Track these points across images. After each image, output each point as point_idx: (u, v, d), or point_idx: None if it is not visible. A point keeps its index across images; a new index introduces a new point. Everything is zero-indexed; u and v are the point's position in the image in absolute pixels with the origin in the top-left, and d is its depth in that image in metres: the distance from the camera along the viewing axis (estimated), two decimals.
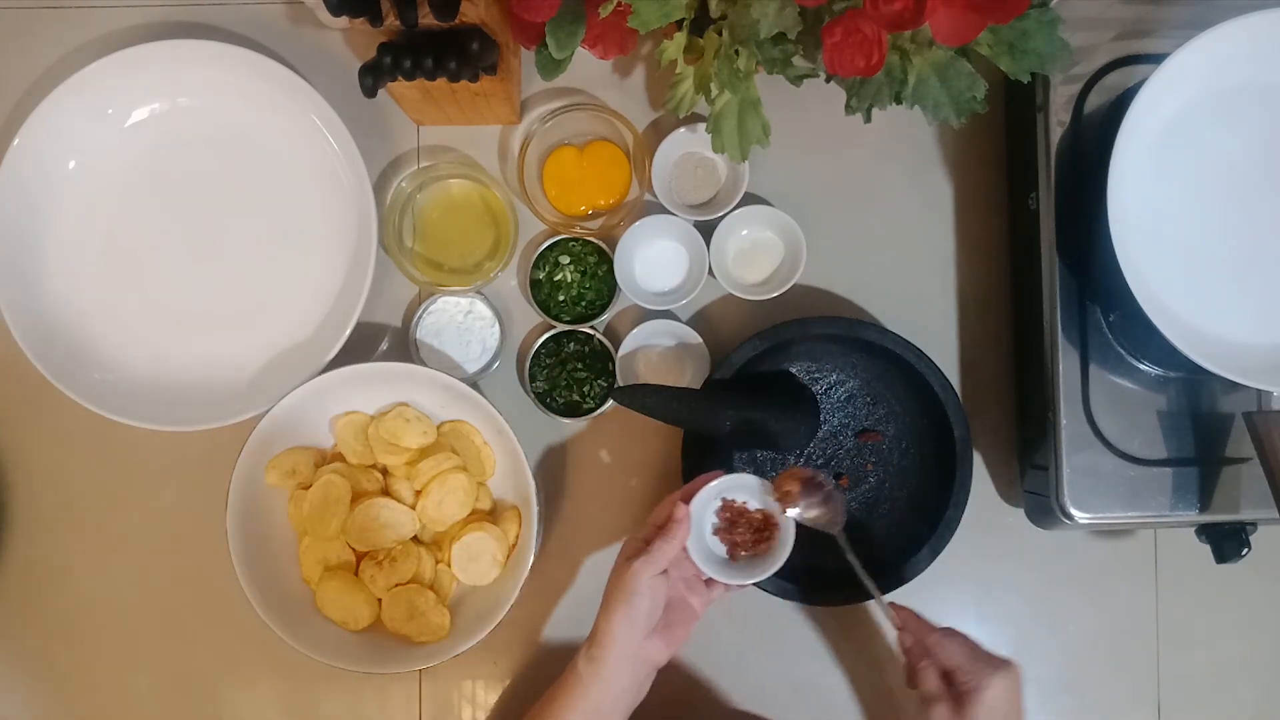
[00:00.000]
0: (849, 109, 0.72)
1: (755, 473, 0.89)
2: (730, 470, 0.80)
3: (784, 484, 0.78)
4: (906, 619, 0.79)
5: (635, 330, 0.88)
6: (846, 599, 0.83)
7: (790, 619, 0.91)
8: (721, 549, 0.79)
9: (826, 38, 0.63)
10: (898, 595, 0.83)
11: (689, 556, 0.76)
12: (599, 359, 0.89)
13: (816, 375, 0.90)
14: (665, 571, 0.74)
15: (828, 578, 0.85)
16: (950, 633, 0.77)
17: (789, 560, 0.86)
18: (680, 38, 0.73)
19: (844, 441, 0.90)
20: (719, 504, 0.79)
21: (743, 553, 0.79)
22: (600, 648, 0.73)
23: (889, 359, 0.86)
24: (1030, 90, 0.83)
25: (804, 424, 0.87)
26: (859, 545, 0.88)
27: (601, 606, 0.74)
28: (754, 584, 0.78)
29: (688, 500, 0.76)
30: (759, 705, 0.91)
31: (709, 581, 0.78)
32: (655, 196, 0.88)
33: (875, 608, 0.89)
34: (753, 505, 0.79)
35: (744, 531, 0.79)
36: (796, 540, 0.87)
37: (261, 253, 0.90)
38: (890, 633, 0.90)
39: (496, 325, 0.89)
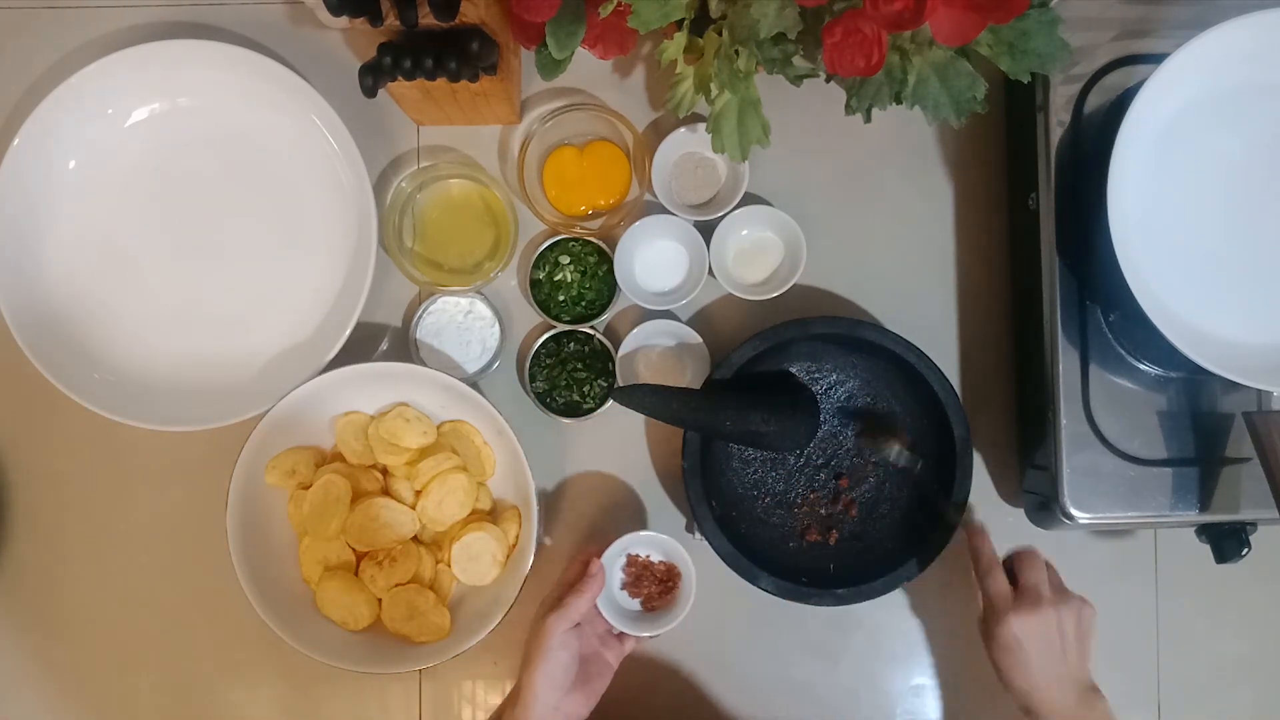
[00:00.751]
0: (849, 109, 0.72)
1: (757, 475, 0.89)
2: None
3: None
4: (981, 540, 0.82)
5: (635, 330, 0.88)
6: (847, 599, 0.83)
7: (790, 619, 0.91)
8: (633, 603, 0.85)
9: (826, 38, 0.63)
10: (899, 595, 0.83)
11: (600, 613, 0.82)
12: (599, 359, 0.89)
13: (816, 375, 0.90)
14: (579, 625, 0.78)
15: (828, 578, 0.85)
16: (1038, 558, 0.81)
17: (791, 561, 0.86)
18: (680, 38, 0.73)
19: (844, 441, 0.90)
20: (624, 560, 0.84)
21: (654, 605, 0.84)
22: (523, 706, 0.75)
23: (889, 359, 0.86)
24: (1030, 90, 0.83)
25: (804, 424, 0.87)
26: (861, 544, 0.88)
27: (522, 664, 0.77)
28: (665, 630, 0.83)
29: (594, 558, 0.81)
30: (760, 705, 0.91)
31: (620, 635, 0.84)
32: (655, 196, 0.88)
33: (882, 611, 0.90)
34: (655, 558, 0.85)
35: (650, 584, 0.85)
36: (798, 540, 0.88)
37: (261, 253, 0.90)
38: (895, 637, 0.91)
39: (496, 325, 0.89)
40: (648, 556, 0.86)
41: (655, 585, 0.85)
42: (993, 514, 0.92)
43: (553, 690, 0.75)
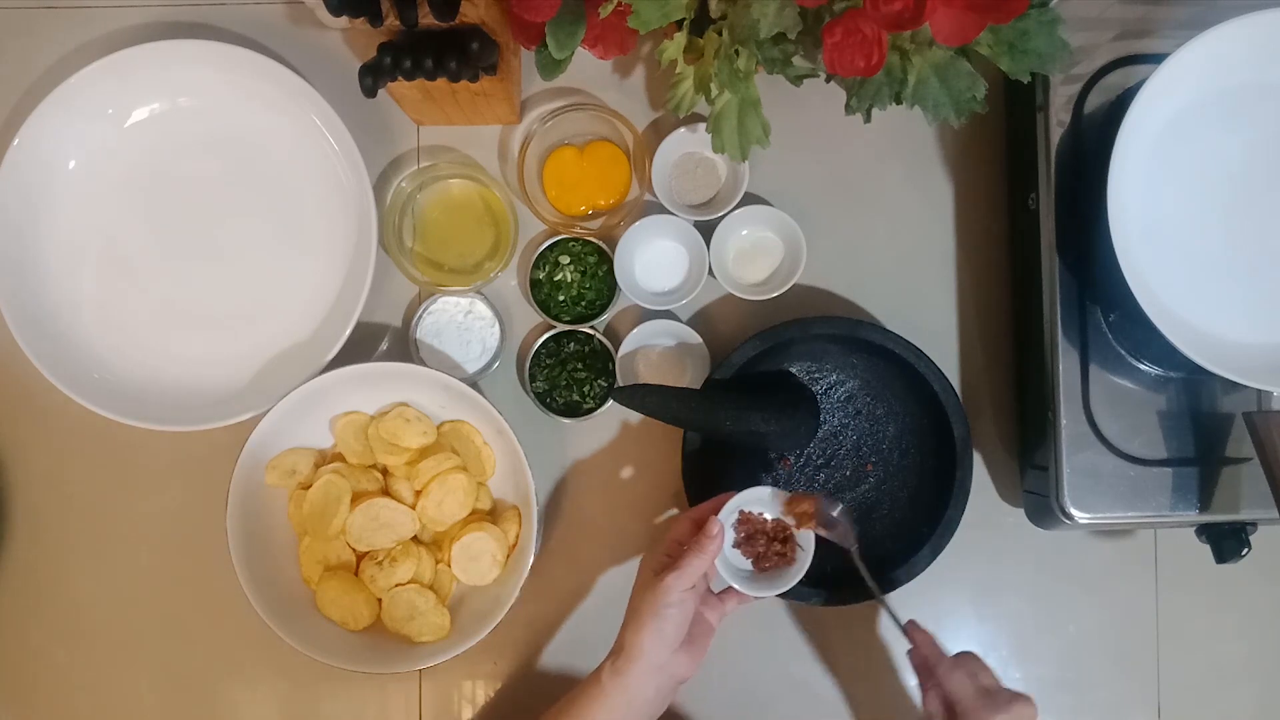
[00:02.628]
0: (849, 109, 0.72)
1: (759, 474, 0.89)
2: (748, 484, 0.79)
3: (797, 505, 0.78)
4: (921, 640, 0.78)
5: (635, 330, 0.88)
6: (849, 599, 0.83)
7: (790, 619, 0.91)
8: (745, 562, 0.79)
9: (826, 38, 0.63)
10: (898, 595, 0.83)
11: (714, 571, 0.76)
12: (599, 359, 0.89)
13: (816, 375, 0.90)
14: (693, 586, 0.73)
15: (830, 578, 0.85)
16: (961, 661, 0.75)
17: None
18: (680, 38, 0.73)
19: (844, 441, 0.90)
20: (736, 517, 0.79)
21: (766, 564, 0.79)
22: (629, 660, 0.72)
23: (889, 359, 0.86)
24: (1030, 90, 0.83)
25: (804, 424, 0.87)
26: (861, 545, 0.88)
27: (628, 620, 0.74)
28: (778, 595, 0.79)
29: (710, 515, 0.76)
30: (760, 705, 0.91)
31: (721, 595, 0.79)
32: (655, 196, 0.88)
33: (880, 613, 0.90)
34: (769, 516, 0.79)
35: (764, 543, 0.79)
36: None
37: (261, 253, 0.90)
38: (894, 639, 0.91)
39: (496, 325, 0.89)
40: (761, 514, 0.79)
41: (768, 544, 0.79)
42: (993, 514, 0.92)
43: (662, 649, 0.72)
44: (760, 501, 0.78)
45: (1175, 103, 0.75)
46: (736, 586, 0.77)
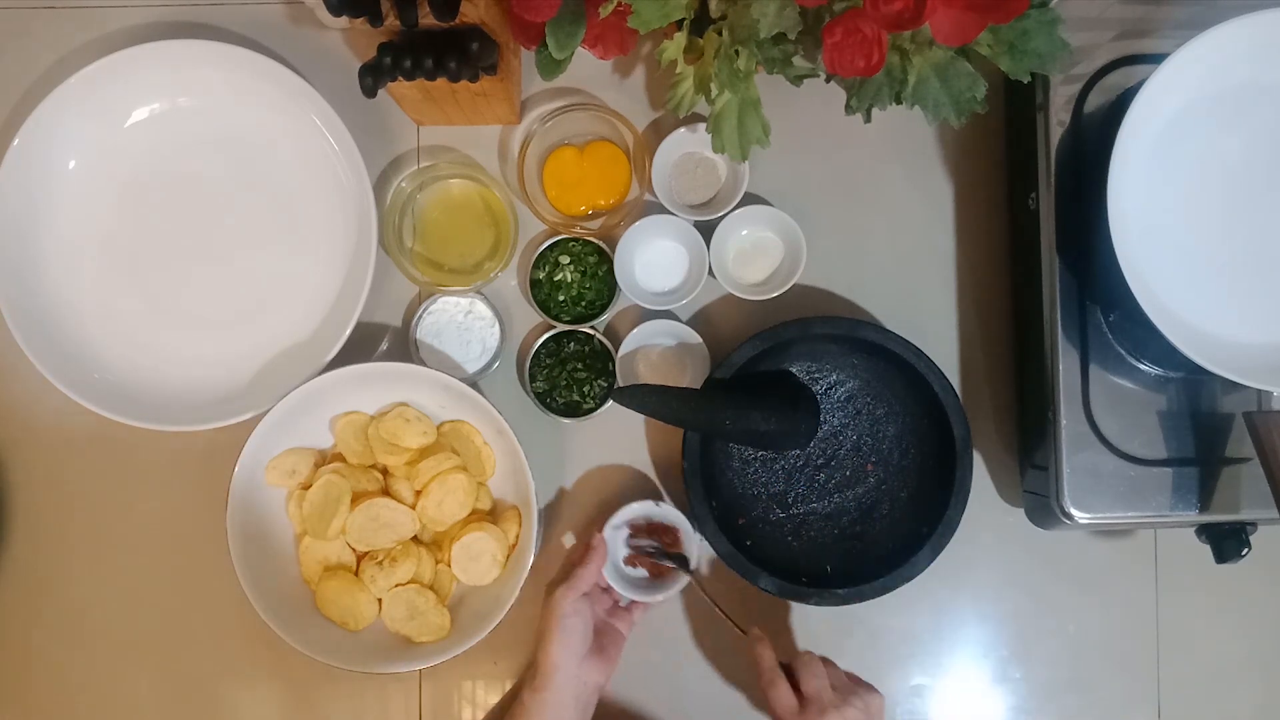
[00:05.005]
0: (849, 109, 0.72)
1: (757, 475, 0.89)
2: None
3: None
4: (764, 651, 0.79)
5: (635, 330, 0.88)
6: (847, 599, 0.83)
7: (790, 619, 0.91)
8: (639, 572, 0.87)
9: (826, 38, 0.63)
10: (899, 595, 0.83)
11: (608, 588, 0.85)
12: (599, 359, 0.89)
13: (816, 375, 0.90)
14: (587, 596, 0.81)
15: (828, 578, 0.85)
16: (811, 660, 0.78)
17: (791, 560, 0.86)
18: (680, 38, 0.73)
19: (844, 441, 0.90)
20: (626, 532, 0.87)
21: (660, 571, 0.87)
22: (545, 676, 0.78)
23: (889, 359, 0.86)
24: (1030, 90, 0.83)
25: (804, 424, 0.87)
26: (861, 544, 0.88)
27: (537, 640, 0.80)
28: (674, 593, 0.86)
29: (596, 533, 0.84)
30: (758, 705, 0.91)
31: (629, 606, 0.87)
32: (655, 196, 0.88)
33: (879, 612, 0.89)
34: (654, 517, 0.87)
35: (660, 535, 0.87)
36: (801, 540, 0.87)
37: (262, 253, 0.90)
38: (894, 638, 0.91)
39: (496, 325, 0.89)
40: (645, 518, 0.87)
41: (665, 536, 0.87)
42: (993, 514, 0.92)
43: (571, 658, 0.79)
44: (645, 513, 0.86)
45: (1175, 103, 0.75)
46: (625, 594, 0.85)
